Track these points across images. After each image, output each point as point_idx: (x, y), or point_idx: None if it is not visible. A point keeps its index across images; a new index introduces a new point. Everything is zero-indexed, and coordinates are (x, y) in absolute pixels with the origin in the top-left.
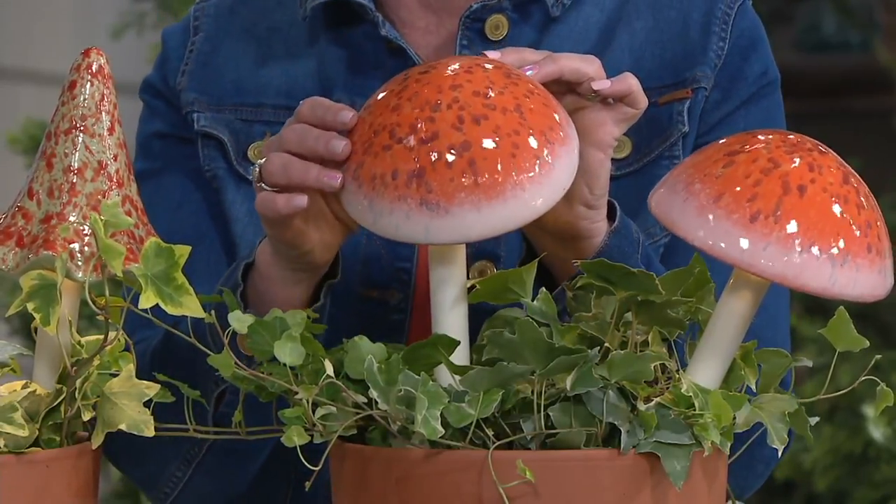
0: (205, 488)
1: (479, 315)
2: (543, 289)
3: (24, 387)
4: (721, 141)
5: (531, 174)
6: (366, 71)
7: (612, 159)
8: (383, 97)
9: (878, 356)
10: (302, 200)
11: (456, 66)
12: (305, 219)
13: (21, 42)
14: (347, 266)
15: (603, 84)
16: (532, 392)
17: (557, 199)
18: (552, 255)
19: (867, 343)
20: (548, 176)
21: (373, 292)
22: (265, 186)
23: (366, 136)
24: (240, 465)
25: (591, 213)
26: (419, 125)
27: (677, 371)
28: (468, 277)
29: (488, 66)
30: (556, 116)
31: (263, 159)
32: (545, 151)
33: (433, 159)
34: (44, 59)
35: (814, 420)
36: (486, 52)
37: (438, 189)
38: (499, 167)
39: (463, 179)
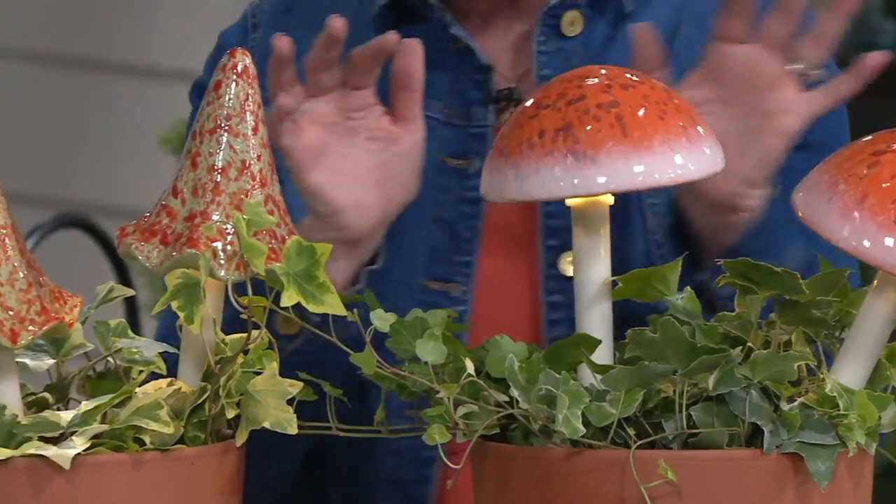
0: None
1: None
2: (688, 288)
3: (170, 384)
4: (865, 139)
5: (680, 139)
6: (431, 71)
7: None
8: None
9: None
10: (286, 100)
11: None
12: (328, 164)
13: (178, 43)
14: (410, 257)
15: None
16: (674, 391)
17: (707, 174)
18: (702, 225)
19: None
20: (697, 145)
21: (436, 284)
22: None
23: (510, 123)
24: (271, 460)
25: (755, 191)
26: (567, 92)
27: (821, 371)
28: None
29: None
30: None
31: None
32: (697, 126)
33: (580, 115)
34: (200, 61)
35: None
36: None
37: (586, 140)
38: (647, 125)
39: (611, 130)
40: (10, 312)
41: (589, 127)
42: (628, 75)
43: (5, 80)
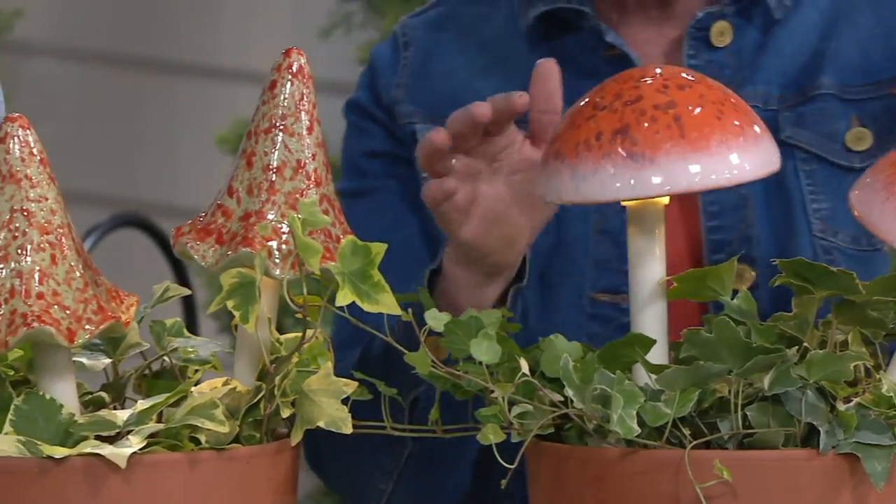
0: (408, 502)
1: None
2: (744, 288)
3: (225, 384)
4: None
5: (737, 139)
6: (582, 80)
7: (855, 151)
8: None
9: None
10: (449, 184)
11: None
12: (478, 214)
13: (238, 43)
14: (578, 270)
15: None
16: (729, 391)
17: (763, 174)
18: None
19: None
20: (755, 145)
21: (604, 296)
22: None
23: (566, 121)
24: (439, 475)
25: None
26: (624, 93)
27: (878, 371)
28: None
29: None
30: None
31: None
32: (753, 125)
33: (637, 116)
34: (260, 60)
35: None
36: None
37: (643, 141)
38: (704, 125)
39: (668, 131)
40: (67, 312)
41: (646, 127)
42: (684, 75)
43: (68, 81)
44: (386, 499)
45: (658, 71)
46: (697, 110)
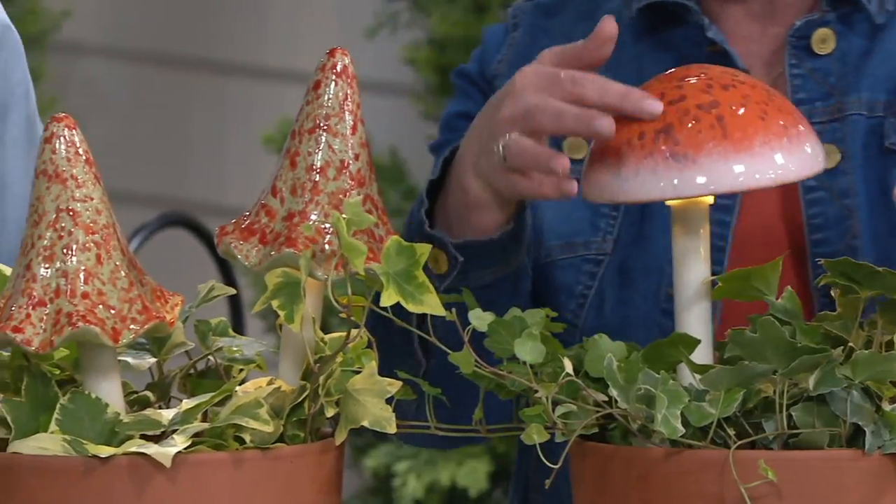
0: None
1: None
2: (789, 288)
3: (270, 383)
4: None
5: (781, 139)
6: None
7: None
8: None
9: None
10: (573, 187)
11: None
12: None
13: (285, 43)
14: (657, 265)
15: None
16: (774, 391)
17: (807, 175)
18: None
19: None
20: (799, 145)
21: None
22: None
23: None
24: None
25: None
26: (667, 92)
27: None
28: None
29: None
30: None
31: (508, 138)
32: (798, 125)
33: (680, 116)
34: (307, 60)
35: None
36: None
37: (686, 141)
38: (748, 125)
39: (711, 131)
40: (112, 311)
41: (689, 127)
42: (729, 75)
43: (115, 80)
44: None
45: (702, 71)
46: (741, 110)
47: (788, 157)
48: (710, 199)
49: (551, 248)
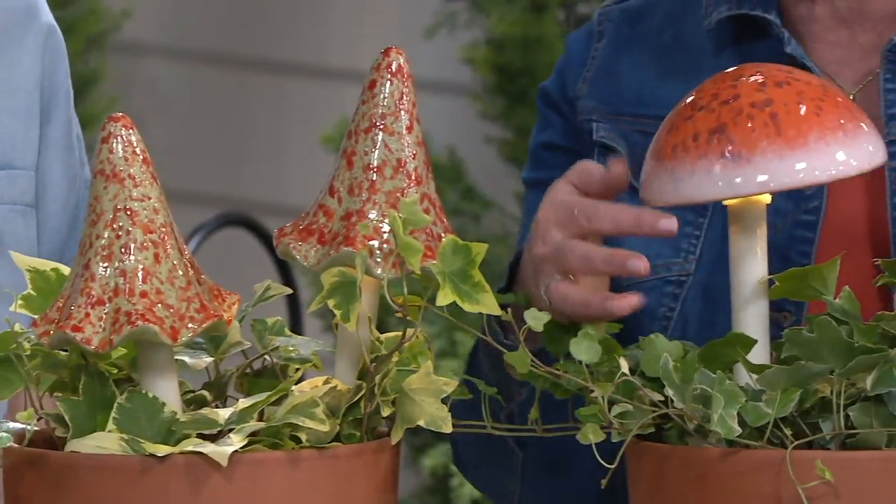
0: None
1: None
2: (847, 287)
3: (326, 382)
4: None
5: (836, 134)
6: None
7: None
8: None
9: None
10: (635, 300)
11: None
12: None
13: (345, 43)
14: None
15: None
16: (831, 391)
17: (867, 168)
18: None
19: None
20: (855, 139)
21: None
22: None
23: (666, 125)
24: (554, 478)
25: None
26: (721, 92)
27: None
28: None
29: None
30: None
31: (548, 286)
32: (854, 120)
33: (734, 115)
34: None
35: None
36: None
37: (740, 140)
38: (802, 122)
39: (765, 130)
40: (170, 310)
41: (742, 126)
42: (784, 72)
43: (175, 80)
44: (517, 500)
45: (757, 69)
46: (795, 107)
47: (846, 151)
48: (768, 199)
49: None
